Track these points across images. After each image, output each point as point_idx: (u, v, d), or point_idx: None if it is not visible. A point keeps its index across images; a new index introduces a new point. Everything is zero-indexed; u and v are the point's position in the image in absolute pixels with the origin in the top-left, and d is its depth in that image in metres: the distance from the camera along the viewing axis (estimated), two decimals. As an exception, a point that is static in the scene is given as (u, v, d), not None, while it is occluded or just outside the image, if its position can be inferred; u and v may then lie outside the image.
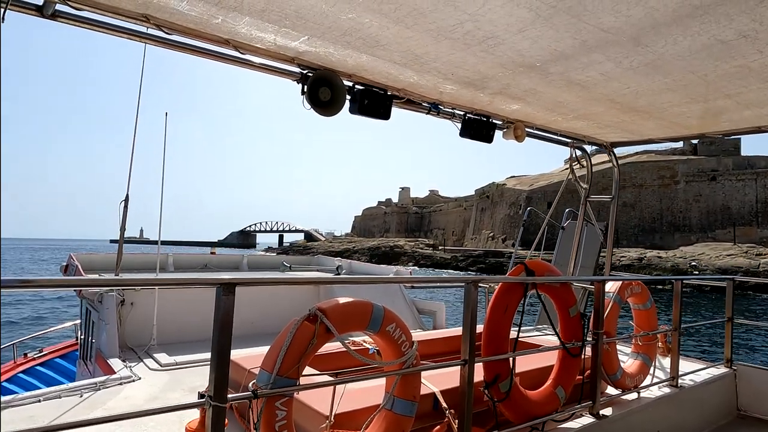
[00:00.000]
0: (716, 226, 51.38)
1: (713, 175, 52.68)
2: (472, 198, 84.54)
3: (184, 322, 5.23)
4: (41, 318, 20.00)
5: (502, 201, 67.34)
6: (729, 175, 51.94)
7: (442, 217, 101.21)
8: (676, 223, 53.96)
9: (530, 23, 2.81)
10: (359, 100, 3.83)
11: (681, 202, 53.98)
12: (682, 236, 51.84)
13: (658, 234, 54.05)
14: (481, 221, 74.15)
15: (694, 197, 53.42)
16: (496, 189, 71.27)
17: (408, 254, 67.25)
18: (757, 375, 4.94)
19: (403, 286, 6.75)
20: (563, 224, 7.10)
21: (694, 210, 53.19)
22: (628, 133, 5.44)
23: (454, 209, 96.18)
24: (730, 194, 51.63)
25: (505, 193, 67.48)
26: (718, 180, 52.34)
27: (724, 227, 50.63)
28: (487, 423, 3.02)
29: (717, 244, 44.63)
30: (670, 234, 53.35)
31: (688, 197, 53.67)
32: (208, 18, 2.82)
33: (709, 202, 52.63)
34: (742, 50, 3.10)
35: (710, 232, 51.25)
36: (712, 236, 50.18)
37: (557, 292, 3.43)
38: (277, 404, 2.09)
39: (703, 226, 52.27)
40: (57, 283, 2.00)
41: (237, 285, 1.90)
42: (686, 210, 53.62)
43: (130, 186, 4.86)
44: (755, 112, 4.39)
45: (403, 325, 2.53)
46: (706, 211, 52.58)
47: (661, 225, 54.67)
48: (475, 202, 79.63)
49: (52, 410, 3.13)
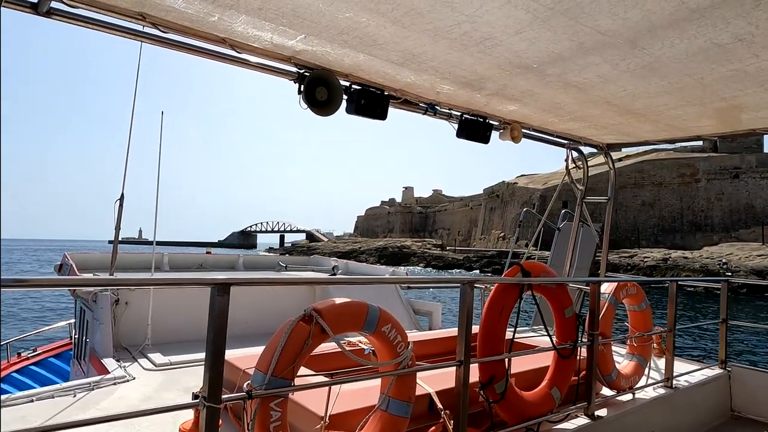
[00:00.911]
0: (740, 225, 49.56)
1: (736, 172, 50.72)
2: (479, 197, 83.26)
3: (179, 321, 5.21)
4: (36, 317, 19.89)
5: (513, 200, 65.75)
6: (752, 172, 49.96)
7: (447, 217, 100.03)
8: (698, 222, 52.12)
9: (527, 25, 2.81)
10: (356, 100, 3.82)
11: (702, 200, 52.09)
12: (704, 236, 50.01)
13: (679, 234, 52.34)
14: (491, 221, 72.99)
15: (716, 196, 51.47)
16: (506, 188, 69.91)
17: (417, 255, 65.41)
18: (751, 376, 4.96)
19: (399, 286, 6.75)
20: (559, 225, 7.12)
21: (716, 209, 51.26)
22: (625, 135, 5.45)
23: (460, 209, 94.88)
24: (754, 192, 49.60)
25: (517, 192, 66.16)
26: (741, 178, 50.38)
27: (748, 227, 48.75)
28: (483, 424, 3.02)
29: (743, 244, 42.74)
30: (692, 234, 51.56)
31: (710, 196, 51.76)
32: (204, 16, 2.81)
33: (732, 201, 50.69)
34: (738, 54, 3.11)
35: (733, 231, 49.31)
36: (735, 236, 48.29)
37: (553, 294, 3.43)
38: (272, 405, 2.08)
39: (726, 225, 50.39)
40: (49, 283, 1.99)
41: (232, 285, 1.89)
42: (708, 209, 51.71)
43: (125, 185, 4.84)
44: (751, 116, 4.41)
45: (398, 325, 2.53)
46: (729, 210, 50.69)
47: (682, 224, 52.94)
48: (483, 201, 78.33)
49: (45, 410, 3.10)
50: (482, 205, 78.61)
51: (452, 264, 58.69)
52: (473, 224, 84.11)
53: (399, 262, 59.97)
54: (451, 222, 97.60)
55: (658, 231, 53.61)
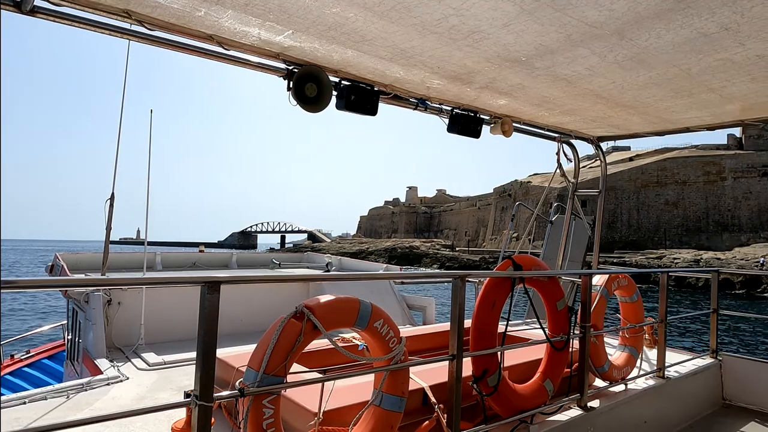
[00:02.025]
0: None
1: (765, 170, 49.79)
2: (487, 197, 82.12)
3: (173, 321, 5.19)
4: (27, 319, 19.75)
5: (527, 199, 63.92)
6: (782, 170, 48.15)
7: (453, 217, 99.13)
8: (724, 222, 50.90)
9: (515, 17, 2.81)
10: (346, 96, 3.81)
11: (729, 199, 50.95)
12: (731, 236, 49.02)
13: (705, 234, 51.12)
14: (502, 221, 72.21)
15: (743, 194, 50.41)
16: (519, 187, 68.84)
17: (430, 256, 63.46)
18: (741, 365, 5.01)
19: (392, 282, 6.76)
20: (551, 218, 7.14)
21: (744, 208, 50.21)
22: (615, 128, 5.47)
23: (467, 209, 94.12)
24: (784, 191, 47.72)
25: (531, 191, 65.26)
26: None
27: (779, 226, 47.09)
28: (476, 417, 3.03)
29: (777, 244, 41.07)
30: (718, 234, 50.40)
31: (737, 194, 50.68)
32: (190, 11, 2.78)
33: (760, 200, 49.67)
34: (724, 43, 3.13)
35: (762, 231, 48.28)
36: (764, 236, 47.32)
37: (545, 286, 3.44)
38: (264, 402, 2.08)
39: (755, 225, 49.32)
40: (38, 284, 1.97)
41: (222, 283, 1.88)
42: (735, 208, 50.62)
43: (115, 184, 4.81)
44: (738, 106, 4.44)
45: (390, 321, 2.53)
46: (758, 209, 49.64)
47: (707, 224, 51.68)
48: (493, 201, 77.21)
49: (38, 412, 3.09)
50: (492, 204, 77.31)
51: (468, 265, 56.72)
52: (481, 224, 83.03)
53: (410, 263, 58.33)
54: (457, 222, 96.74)
55: (682, 231, 52.44)
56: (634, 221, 56.46)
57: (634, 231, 55.97)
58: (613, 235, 56.01)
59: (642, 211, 55.30)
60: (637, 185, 56.73)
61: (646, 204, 55.04)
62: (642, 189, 56.24)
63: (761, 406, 4.79)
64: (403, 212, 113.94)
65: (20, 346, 9.23)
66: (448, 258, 61.91)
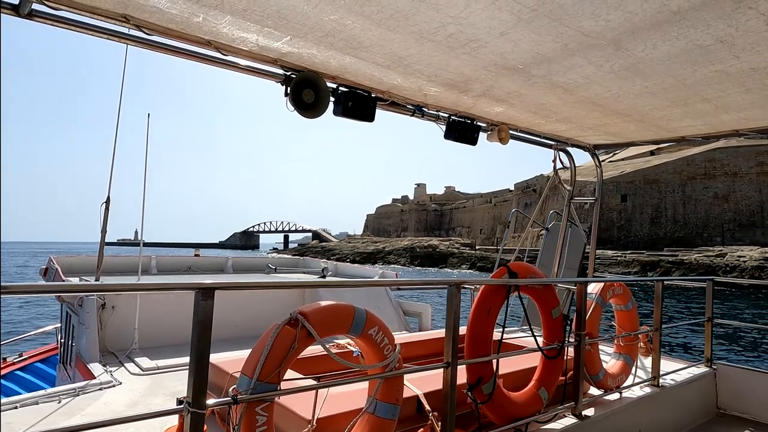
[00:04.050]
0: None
1: None
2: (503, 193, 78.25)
3: (167, 325, 5.17)
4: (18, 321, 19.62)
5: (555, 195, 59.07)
6: None
7: (466, 214, 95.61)
8: None
9: (512, 26, 2.82)
10: (343, 102, 3.82)
11: None
12: None
13: (759, 229, 47.39)
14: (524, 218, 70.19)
15: None
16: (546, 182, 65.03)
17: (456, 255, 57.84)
18: (736, 374, 5.02)
19: (388, 288, 6.75)
20: (548, 225, 7.16)
21: None
22: (611, 136, 5.50)
23: (481, 206, 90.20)
24: None
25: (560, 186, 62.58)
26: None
27: (844, 221, 43.20)
28: (471, 425, 3.02)
29: None
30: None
31: None
32: (188, 16, 2.79)
33: None
34: (719, 55, 3.16)
35: None
36: None
37: (540, 294, 3.45)
38: (258, 410, 2.07)
39: None
40: (27, 290, 1.95)
41: (216, 290, 1.88)
42: None
43: (111, 188, 4.79)
44: (733, 116, 4.47)
45: (385, 328, 2.53)
46: None
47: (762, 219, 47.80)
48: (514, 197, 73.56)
49: (29, 417, 3.06)
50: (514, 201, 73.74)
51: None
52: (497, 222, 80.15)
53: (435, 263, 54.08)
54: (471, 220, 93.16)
55: (734, 227, 48.81)
56: (680, 216, 52.72)
57: (681, 227, 52.38)
58: (657, 232, 53.35)
59: (689, 205, 51.78)
60: (683, 178, 53.03)
61: (693, 198, 51.51)
62: (688, 182, 52.56)
63: (755, 415, 4.80)
64: (413, 210, 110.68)
65: (11, 350, 9.17)
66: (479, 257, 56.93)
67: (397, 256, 62.26)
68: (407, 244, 67.90)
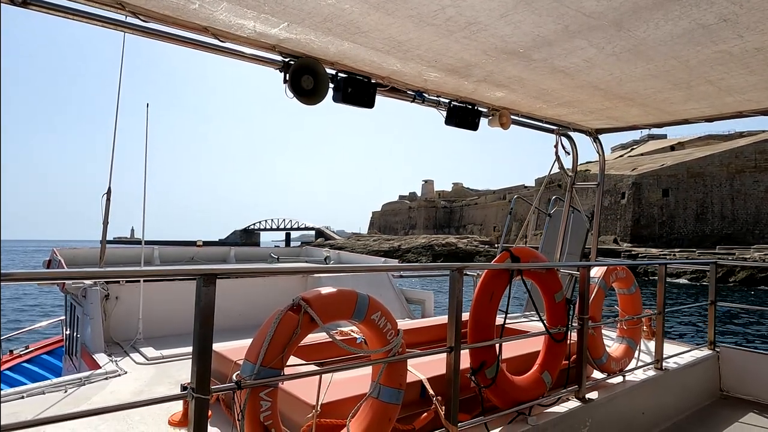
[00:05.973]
0: None
1: None
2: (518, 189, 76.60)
3: (171, 315, 5.19)
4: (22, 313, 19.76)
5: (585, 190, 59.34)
6: None
7: (478, 211, 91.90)
8: None
9: (512, 8, 2.79)
10: (343, 89, 3.79)
11: None
12: None
13: None
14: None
15: None
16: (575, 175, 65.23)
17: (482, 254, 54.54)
18: (739, 356, 5.03)
19: (391, 275, 6.76)
20: (550, 211, 7.15)
21: None
22: (613, 120, 5.46)
23: (494, 203, 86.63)
24: None
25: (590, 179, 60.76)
26: None
27: None
28: (474, 409, 3.04)
29: None
30: None
31: None
32: (185, 3, 2.76)
33: None
34: (722, 35, 3.11)
35: None
36: None
37: (543, 279, 3.45)
38: (262, 395, 2.08)
39: None
40: (36, 276, 1.95)
41: (217, 276, 1.88)
42: None
43: (111, 179, 4.78)
44: (736, 98, 4.42)
45: (388, 313, 2.53)
46: None
47: None
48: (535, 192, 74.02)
49: (36, 406, 3.09)
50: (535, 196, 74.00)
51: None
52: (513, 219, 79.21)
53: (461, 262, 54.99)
54: (483, 216, 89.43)
55: None
56: (728, 212, 49.58)
57: (729, 223, 49.64)
58: (703, 228, 50.49)
59: (737, 200, 48.68)
60: (731, 171, 49.84)
61: (742, 192, 48.41)
62: (737, 175, 49.39)
63: (758, 397, 4.82)
64: (422, 207, 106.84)
65: (19, 342, 9.24)
66: (511, 257, 55.57)
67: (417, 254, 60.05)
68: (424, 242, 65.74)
